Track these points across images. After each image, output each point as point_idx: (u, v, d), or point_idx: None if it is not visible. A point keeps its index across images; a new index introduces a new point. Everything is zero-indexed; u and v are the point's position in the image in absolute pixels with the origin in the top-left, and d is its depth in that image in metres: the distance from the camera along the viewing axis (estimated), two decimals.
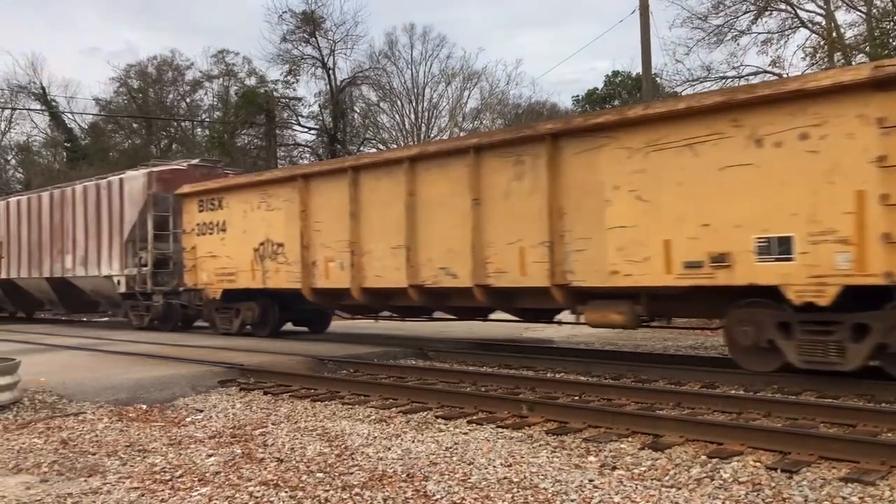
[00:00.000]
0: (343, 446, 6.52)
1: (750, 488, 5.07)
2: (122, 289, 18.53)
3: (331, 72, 39.26)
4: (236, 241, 15.57)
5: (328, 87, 39.27)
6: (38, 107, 47.72)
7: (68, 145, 46.78)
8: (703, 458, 5.82)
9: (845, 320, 8.21)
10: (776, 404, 7.53)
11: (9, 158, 51.59)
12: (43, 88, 47.37)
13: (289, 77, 40.04)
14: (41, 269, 21.49)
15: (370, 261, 12.90)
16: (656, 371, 10.15)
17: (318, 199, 13.89)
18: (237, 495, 5.20)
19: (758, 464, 5.59)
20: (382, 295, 13.10)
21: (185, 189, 16.91)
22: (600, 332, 16.35)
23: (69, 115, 47.66)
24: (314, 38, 38.59)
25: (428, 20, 79.80)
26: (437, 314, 13.74)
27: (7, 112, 49.01)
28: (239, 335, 15.87)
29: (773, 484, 5.14)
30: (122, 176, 18.95)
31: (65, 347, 14.32)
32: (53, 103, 47.51)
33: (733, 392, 8.72)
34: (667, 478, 5.37)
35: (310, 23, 38.07)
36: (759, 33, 27.90)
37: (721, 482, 5.23)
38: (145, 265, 17.96)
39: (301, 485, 5.42)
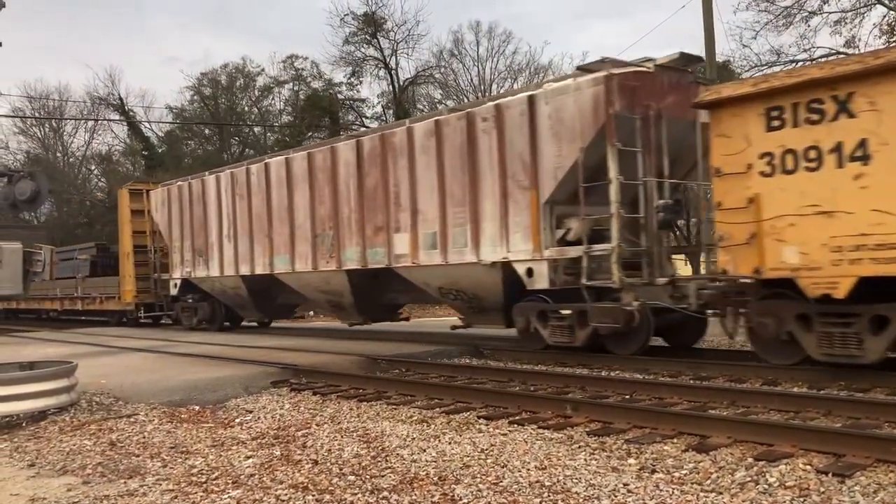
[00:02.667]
0: (380, 448, 6.46)
1: (796, 493, 4.77)
2: (541, 283, 11.34)
3: (393, 72, 39.51)
4: None
5: (391, 87, 39.53)
6: (117, 117, 49.62)
7: (146, 153, 48.41)
8: (750, 460, 5.52)
9: None
10: (838, 402, 7.11)
11: (92, 168, 53.82)
12: (121, 99, 49.18)
13: (352, 79, 40.50)
14: (328, 256, 14.97)
15: None
16: (717, 368, 9.75)
17: None
18: (265, 498, 5.20)
19: (808, 467, 5.26)
20: None
21: (728, 91, 9.16)
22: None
23: (146, 125, 49.39)
24: (376, 39, 38.89)
25: (490, 15, 79.42)
26: None
27: (90, 123, 51.16)
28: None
29: (822, 489, 4.82)
30: (539, 91, 11.44)
31: (132, 350, 14.76)
32: (131, 113, 49.31)
33: (795, 390, 8.30)
34: (708, 482, 5.10)
35: (371, 24, 38.37)
36: (832, 12, 26.65)
37: (766, 486, 4.94)
38: (579, 241, 10.96)
39: (330, 488, 5.37)
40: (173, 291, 20.33)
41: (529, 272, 11.49)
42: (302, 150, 16.73)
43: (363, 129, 41.17)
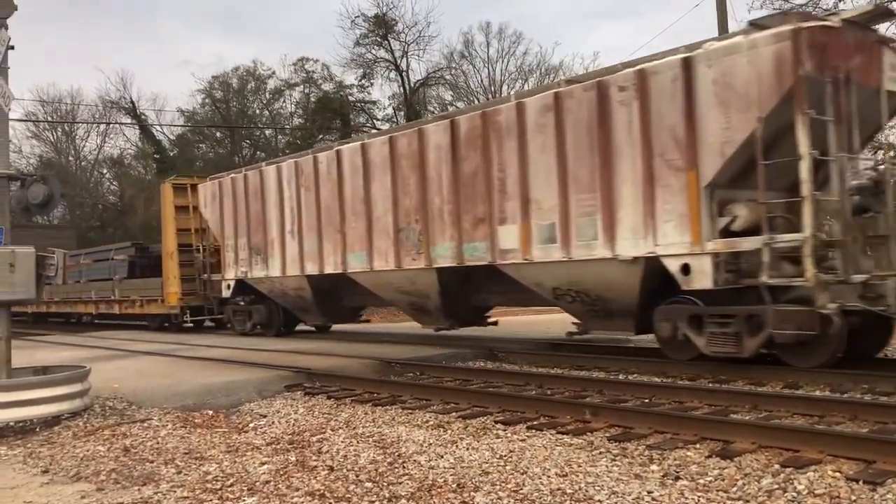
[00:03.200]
0: (396, 453, 6.35)
1: (826, 502, 4.64)
2: (702, 281, 9.48)
3: (404, 74, 39.46)
4: None
5: (401, 89, 39.48)
6: (129, 121, 49.80)
7: (157, 157, 48.55)
8: (777, 466, 5.38)
9: None
10: (863, 407, 6.97)
11: (104, 172, 54.03)
12: (132, 103, 49.32)
13: (363, 81, 40.45)
14: (414, 253, 13.29)
15: None
16: (736, 371, 9.60)
17: None
18: None
19: (837, 474, 5.12)
20: None
21: None
22: None
23: (158, 128, 49.53)
24: (386, 41, 38.84)
25: (501, 16, 79.34)
26: None
27: (102, 127, 51.37)
28: None
29: (853, 497, 4.69)
30: (698, 53, 9.55)
31: (144, 353, 14.72)
32: (143, 117, 49.46)
33: (818, 393, 8.15)
34: (734, 489, 4.97)
35: (382, 26, 38.30)
36: (847, 11, 26.39)
37: (794, 494, 4.81)
38: (745, 231, 9.33)
39: (347, 495, 5.27)
40: (226, 293, 18.70)
41: (685, 269, 9.57)
42: (381, 134, 14.99)
43: (373, 131, 41.20)
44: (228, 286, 18.56)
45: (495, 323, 14.90)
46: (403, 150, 13.45)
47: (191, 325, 21.26)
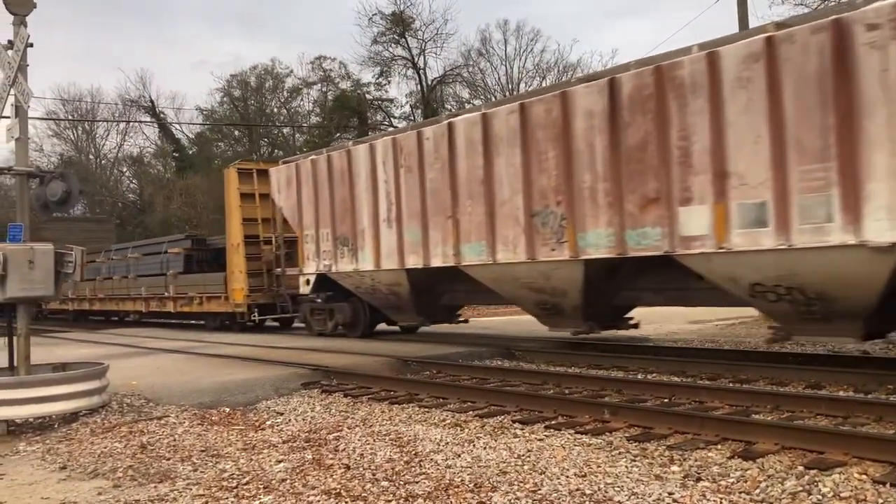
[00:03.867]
0: (413, 452, 6.31)
1: None
2: None
3: (421, 71, 39.45)
4: None
5: (419, 86, 39.48)
6: (148, 119, 50.18)
7: (176, 155, 48.89)
8: (800, 468, 5.27)
9: None
10: (889, 408, 6.82)
11: (124, 170, 54.47)
12: (152, 101, 49.73)
13: (380, 79, 40.52)
14: (554, 242, 11.09)
15: None
16: (757, 370, 9.47)
17: None
18: None
19: (863, 476, 5.01)
20: None
21: None
22: (701, 329, 15.60)
23: (176, 127, 49.87)
24: (404, 39, 38.87)
25: (519, 13, 79.00)
26: None
27: (122, 126, 51.78)
28: None
29: (880, 500, 4.59)
30: None
31: (163, 350, 14.78)
32: (162, 115, 49.84)
33: (841, 394, 8.01)
34: (757, 491, 4.88)
35: (399, 23, 38.36)
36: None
37: (819, 497, 4.71)
38: None
39: (363, 494, 5.23)
40: (304, 289, 16.41)
41: None
42: (508, 101, 12.56)
43: (391, 128, 41.23)
44: (308, 281, 16.21)
45: (636, 325, 12.75)
46: (539, 120, 11.16)
47: (251, 324, 19.27)
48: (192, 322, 22.82)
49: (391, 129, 42.20)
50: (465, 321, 16.03)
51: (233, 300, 18.80)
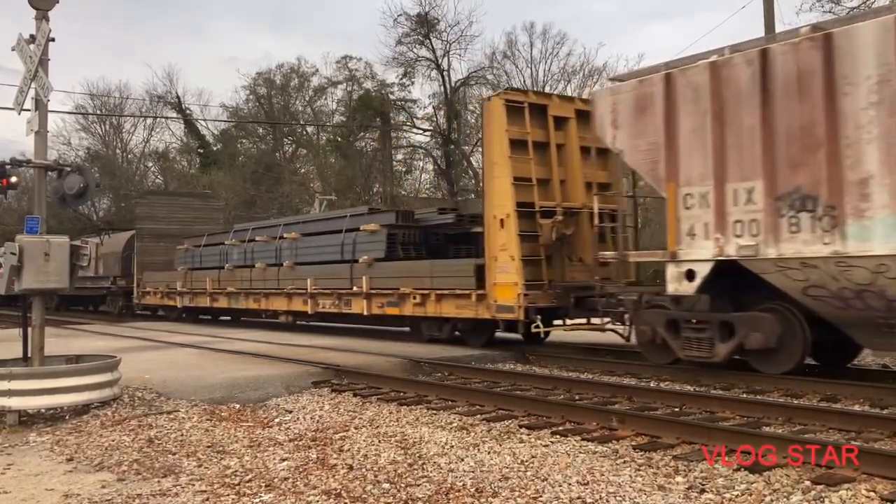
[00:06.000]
0: (417, 455, 6.28)
1: None
2: None
3: (445, 73, 39.40)
4: None
5: (442, 88, 39.45)
6: (175, 115, 50.62)
7: (201, 151, 49.28)
8: (807, 483, 5.18)
9: None
10: None
11: (149, 165, 54.99)
12: (178, 98, 50.14)
13: (404, 79, 40.52)
14: None
15: None
16: (772, 381, 9.33)
17: None
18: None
19: (871, 493, 4.91)
20: None
21: None
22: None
23: (202, 123, 50.26)
24: (428, 40, 38.82)
25: (545, 16, 78.78)
26: None
27: (148, 121, 52.30)
28: None
29: None
30: None
31: (178, 345, 14.88)
32: (188, 112, 50.26)
33: (856, 408, 7.87)
34: None
35: (424, 25, 38.32)
36: None
37: None
38: None
39: (363, 496, 5.21)
40: (679, 287, 10.16)
41: None
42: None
43: (415, 129, 41.20)
44: (688, 273, 10.07)
45: None
46: None
47: (520, 336, 13.57)
48: (389, 329, 16.49)
49: (414, 129, 42.19)
50: None
51: (493, 300, 12.71)
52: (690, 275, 10.07)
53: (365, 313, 15.59)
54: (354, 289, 15.78)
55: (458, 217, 15.77)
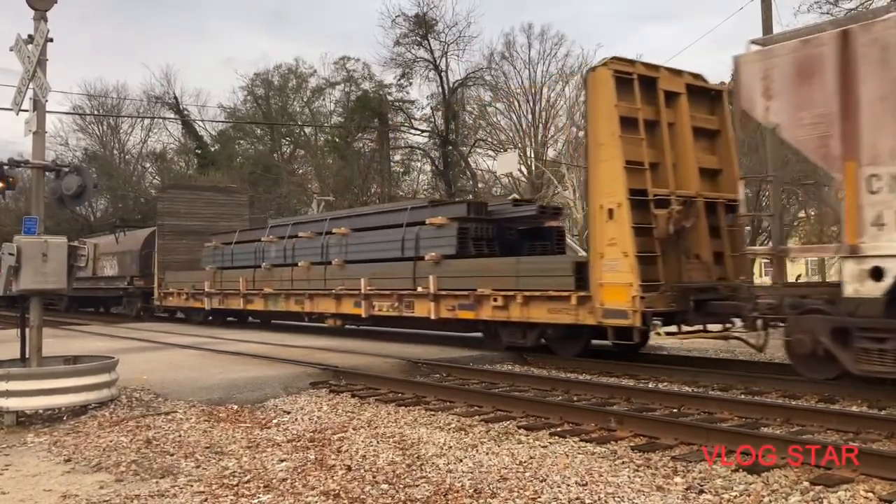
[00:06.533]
0: (416, 455, 6.28)
1: None
2: None
3: (443, 74, 39.42)
4: None
5: (440, 89, 39.45)
6: (172, 116, 50.57)
7: (199, 152, 49.22)
8: (806, 484, 5.19)
9: None
10: None
11: (147, 166, 54.91)
12: (176, 98, 50.09)
13: (402, 80, 40.53)
14: None
15: None
16: (770, 382, 9.36)
17: None
18: None
19: (870, 494, 4.92)
20: None
21: None
22: (717, 340, 15.37)
23: (199, 124, 50.20)
24: (426, 41, 38.84)
25: (543, 17, 78.89)
26: None
27: (146, 122, 52.23)
28: None
29: None
30: None
31: (177, 346, 14.86)
32: (185, 112, 50.20)
33: (854, 409, 7.88)
34: None
35: (422, 25, 38.34)
36: None
37: None
38: None
39: (362, 496, 5.21)
40: (861, 289, 8.27)
41: None
42: None
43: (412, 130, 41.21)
44: (876, 272, 8.19)
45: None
46: None
47: (626, 343, 11.61)
48: (457, 334, 15.07)
49: (412, 129, 42.09)
50: None
51: (600, 303, 10.90)
52: (877, 273, 8.10)
53: (432, 317, 13.71)
54: (419, 289, 13.91)
55: (541, 209, 14.41)
